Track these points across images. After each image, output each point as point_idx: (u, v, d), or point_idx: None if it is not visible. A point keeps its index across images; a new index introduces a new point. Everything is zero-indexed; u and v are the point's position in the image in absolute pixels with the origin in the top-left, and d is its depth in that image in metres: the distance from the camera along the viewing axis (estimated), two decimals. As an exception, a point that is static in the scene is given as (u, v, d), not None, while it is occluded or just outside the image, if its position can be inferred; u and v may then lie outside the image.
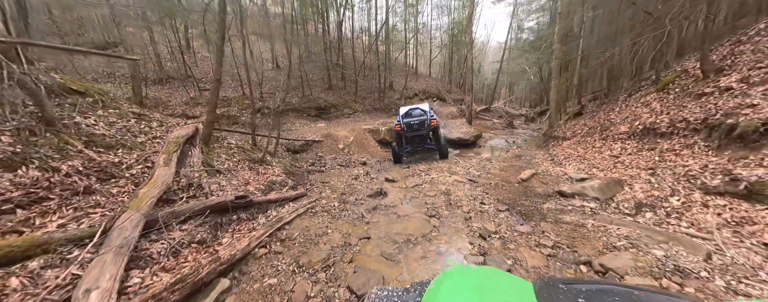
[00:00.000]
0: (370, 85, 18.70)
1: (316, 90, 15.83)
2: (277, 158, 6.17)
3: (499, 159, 7.65)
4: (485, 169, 6.56)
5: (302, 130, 11.70)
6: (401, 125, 7.18)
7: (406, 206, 4.62)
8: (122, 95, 12.09)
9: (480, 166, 6.87)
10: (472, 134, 10.75)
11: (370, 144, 9.66)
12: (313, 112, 13.87)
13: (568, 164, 6.21)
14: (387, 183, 5.89)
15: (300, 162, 7.32)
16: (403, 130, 7.21)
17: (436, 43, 26.22)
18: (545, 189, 4.97)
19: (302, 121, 13.30)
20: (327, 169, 7.13)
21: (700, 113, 4.51)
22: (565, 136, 8.02)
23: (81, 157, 2.86)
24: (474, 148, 10.68)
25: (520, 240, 3.20)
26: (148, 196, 2.60)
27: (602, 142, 6.23)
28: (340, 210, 4.39)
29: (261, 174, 4.93)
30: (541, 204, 4.27)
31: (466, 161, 7.62)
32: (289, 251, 3.18)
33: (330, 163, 7.70)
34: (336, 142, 9.36)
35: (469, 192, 4.98)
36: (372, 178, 6.24)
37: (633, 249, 2.71)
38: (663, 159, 4.43)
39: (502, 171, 6.31)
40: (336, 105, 14.94)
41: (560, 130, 8.57)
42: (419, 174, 6.37)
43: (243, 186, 4.08)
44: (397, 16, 21.74)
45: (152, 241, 2.43)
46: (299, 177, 5.77)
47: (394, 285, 2.44)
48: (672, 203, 3.60)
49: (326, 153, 8.76)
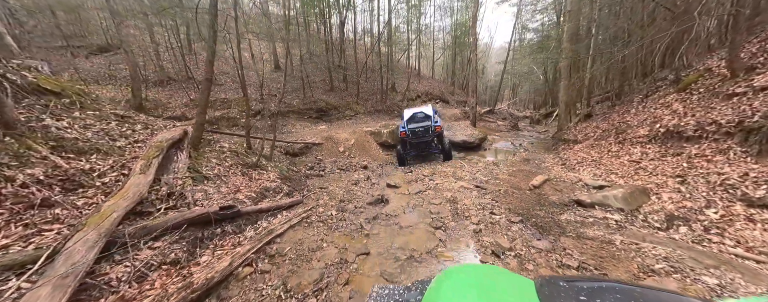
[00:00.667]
0: (372, 87, 18.38)
1: (318, 91, 15.54)
2: (274, 162, 5.83)
3: (507, 164, 7.24)
4: (493, 174, 6.15)
5: (303, 133, 11.38)
6: (406, 132, 7.12)
7: (409, 215, 4.23)
8: (122, 97, 11.92)
9: (487, 171, 6.46)
10: (477, 137, 10.35)
11: (372, 147, 9.29)
12: (314, 114, 13.56)
13: (582, 169, 5.78)
14: (389, 189, 5.51)
15: (298, 166, 6.98)
16: (408, 137, 7.16)
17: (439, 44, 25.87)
18: (560, 198, 4.55)
19: (303, 123, 12.99)
20: (326, 174, 6.77)
21: (732, 115, 4.07)
22: (576, 139, 7.59)
23: (44, 165, 2.53)
24: (479, 151, 10.26)
25: (539, 259, 2.80)
26: (114, 210, 2.25)
27: (619, 146, 5.79)
28: (338, 219, 4.02)
29: (254, 180, 4.58)
30: (558, 215, 3.85)
31: (471, 165, 7.22)
32: (277, 270, 2.81)
33: (330, 167, 7.35)
34: (336, 144, 9.02)
35: (477, 200, 4.58)
36: (373, 183, 5.86)
37: (676, 275, 2.30)
38: (692, 166, 4.00)
39: (511, 177, 5.90)
40: (337, 107, 14.63)
41: (570, 132, 8.13)
42: (423, 180, 5.98)
43: (232, 195, 3.73)
44: (399, 18, 21.47)
45: (115, 264, 2.07)
46: (296, 183, 5.42)
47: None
48: (709, 216, 3.17)
49: (326, 157, 8.42)
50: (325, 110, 13.89)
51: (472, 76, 12.69)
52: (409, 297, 1.12)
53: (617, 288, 0.81)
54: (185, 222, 2.70)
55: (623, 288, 0.82)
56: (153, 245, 2.35)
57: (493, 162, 7.41)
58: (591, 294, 0.79)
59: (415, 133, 7.17)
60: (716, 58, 5.84)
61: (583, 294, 0.78)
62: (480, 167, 6.94)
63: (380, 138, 9.51)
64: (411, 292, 1.14)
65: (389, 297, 1.14)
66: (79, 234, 1.93)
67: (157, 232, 2.43)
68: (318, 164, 7.54)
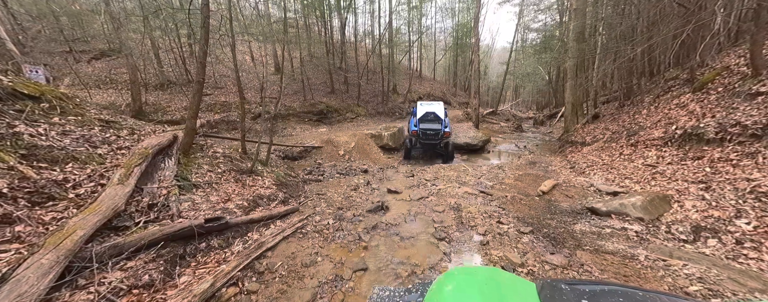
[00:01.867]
0: (374, 89, 18.15)
1: (319, 94, 15.34)
2: (270, 167, 5.59)
3: (512, 167, 6.93)
4: (498, 179, 5.86)
5: (303, 136, 11.15)
6: (418, 131, 7.39)
7: (411, 225, 3.95)
8: (123, 101, 11.80)
9: (492, 175, 6.16)
10: (481, 139, 10.05)
11: (372, 150, 9.03)
12: (314, 117, 13.34)
13: (592, 173, 5.46)
14: (389, 195, 5.24)
15: (296, 171, 6.73)
16: (419, 137, 7.41)
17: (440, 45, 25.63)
18: (572, 205, 4.25)
19: (303, 126, 12.78)
20: (325, 178, 6.51)
21: (759, 116, 3.75)
22: (584, 141, 7.26)
23: (11, 175, 2.29)
24: (482, 154, 9.96)
25: (554, 277, 2.51)
26: (80, 227, 2.00)
27: (631, 149, 5.47)
28: (335, 229, 3.75)
29: (247, 187, 4.33)
30: (572, 224, 3.55)
31: (475, 169, 6.92)
32: (266, 289, 2.54)
33: (329, 171, 7.09)
34: (336, 148, 8.77)
35: (482, 207, 4.29)
36: (373, 189, 5.59)
37: (716, 300, 2.00)
38: (716, 171, 3.68)
39: (518, 182, 5.59)
40: (338, 109, 14.41)
41: (578, 134, 7.81)
42: (425, 185, 5.70)
43: (222, 204, 3.48)
44: (401, 19, 21.28)
45: (78, 289, 1.82)
46: (292, 189, 5.16)
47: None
48: (741, 227, 2.86)
49: (326, 160, 8.17)
50: (325, 113, 13.67)
51: (474, 77, 12.41)
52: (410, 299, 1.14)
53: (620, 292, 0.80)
54: (165, 237, 2.45)
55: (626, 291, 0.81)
56: (125, 265, 2.10)
57: (498, 165, 7.11)
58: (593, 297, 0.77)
59: (426, 135, 7.42)
60: (734, 56, 5.52)
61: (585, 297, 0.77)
62: (484, 171, 6.64)
63: (381, 141, 9.25)
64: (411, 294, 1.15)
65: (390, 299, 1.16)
66: (34, 257, 1.69)
67: (132, 250, 2.18)
68: (317, 168, 7.28)
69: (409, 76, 20.16)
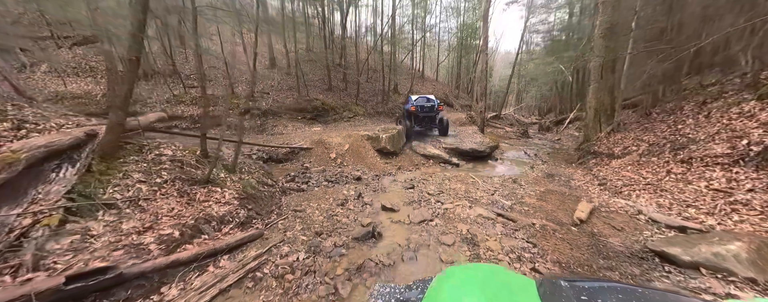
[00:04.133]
0: (374, 88, 16.99)
1: (315, 90, 14.17)
2: (240, 174, 4.44)
3: (529, 180, 5.79)
4: (516, 196, 4.72)
5: (294, 135, 9.99)
6: (416, 107, 8.39)
7: (411, 265, 2.82)
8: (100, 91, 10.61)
9: (508, 191, 5.03)
10: (488, 145, 8.91)
11: (368, 153, 7.88)
12: (309, 115, 12.18)
13: (634, 195, 4.33)
14: (384, 213, 4.09)
15: (276, 178, 5.57)
16: (418, 110, 8.42)
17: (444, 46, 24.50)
18: (626, 242, 3.13)
19: (296, 124, 11.61)
20: (309, 187, 5.35)
21: None
22: (611, 152, 6.14)
23: None
24: (489, 161, 8.83)
25: None
26: None
27: (684, 167, 4.34)
28: (304, 272, 2.60)
29: (196, 205, 3.18)
30: (645, 281, 2.42)
31: (485, 181, 5.78)
32: None
33: (315, 178, 5.93)
34: (328, 150, 7.61)
35: (506, 241, 3.16)
36: (365, 205, 4.44)
37: None
38: (843, 208, 2.56)
39: (542, 202, 4.46)
40: (335, 107, 13.24)
41: (602, 144, 6.68)
42: (427, 200, 4.56)
43: (134, 237, 2.33)
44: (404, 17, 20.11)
45: None
46: (263, 204, 4.01)
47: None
48: None
49: (315, 164, 7.01)
50: (321, 111, 12.50)
51: (481, 78, 11.28)
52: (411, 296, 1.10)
53: (619, 288, 0.79)
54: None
55: (625, 288, 0.80)
56: None
57: (512, 178, 5.96)
58: (592, 294, 0.76)
59: (424, 109, 8.53)
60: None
61: (584, 294, 0.76)
62: (497, 184, 5.50)
63: (378, 143, 8.09)
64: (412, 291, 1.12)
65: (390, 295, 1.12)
66: None
67: None
68: (302, 174, 6.12)
69: (411, 76, 19.02)
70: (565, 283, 0.82)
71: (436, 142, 9.18)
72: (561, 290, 0.78)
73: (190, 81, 12.04)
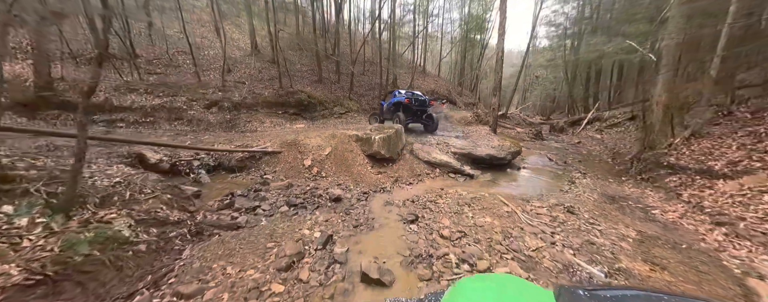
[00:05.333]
0: (370, 81, 14.89)
1: (303, 82, 12.06)
2: (93, 211, 2.39)
3: (590, 208, 3.81)
4: (597, 249, 2.72)
5: (271, 133, 7.94)
6: (410, 99, 7.78)
7: None
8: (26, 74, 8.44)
9: (573, 233, 3.04)
10: (508, 150, 6.91)
11: (357, 160, 5.85)
12: (291, 109, 10.09)
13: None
14: (365, 291, 2.11)
15: (200, 204, 3.53)
16: (411, 103, 7.78)
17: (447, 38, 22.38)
18: None
19: (275, 120, 9.54)
20: (253, 220, 3.31)
21: None
22: (705, 168, 4.15)
23: None
24: (508, 170, 6.84)
25: None
26: None
27: None
28: None
29: None
30: None
31: (525, 209, 3.79)
32: None
33: (272, 200, 3.90)
34: (302, 154, 5.57)
35: None
36: (330, 263, 2.44)
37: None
38: None
39: (655, 267, 2.46)
40: (324, 101, 11.16)
41: (681, 154, 4.70)
42: (444, 255, 2.57)
43: None
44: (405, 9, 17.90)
45: None
46: (115, 276, 1.98)
47: None
48: None
49: (280, 176, 4.98)
50: (306, 105, 10.41)
51: (496, 70, 9.24)
52: None
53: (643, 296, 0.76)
54: None
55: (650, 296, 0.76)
56: None
57: (563, 205, 3.95)
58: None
59: (417, 100, 7.92)
60: None
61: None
62: (546, 217, 3.49)
63: (370, 147, 6.06)
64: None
65: None
66: None
67: None
68: (253, 193, 4.08)
69: (412, 70, 16.92)
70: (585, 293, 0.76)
71: (444, 145, 7.16)
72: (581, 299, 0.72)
73: (152, 67, 9.87)
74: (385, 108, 8.94)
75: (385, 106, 8.97)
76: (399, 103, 8.02)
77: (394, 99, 8.28)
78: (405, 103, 7.80)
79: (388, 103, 8.68)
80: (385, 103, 9.16)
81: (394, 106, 8.14)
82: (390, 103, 8.51)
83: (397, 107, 8.06)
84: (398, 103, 8.04)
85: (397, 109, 8.04)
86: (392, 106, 8.24)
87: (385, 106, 8.97)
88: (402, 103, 7.91)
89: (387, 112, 8.63)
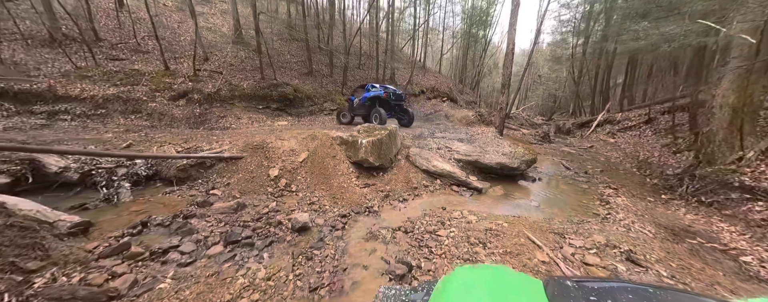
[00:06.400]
0: (366, 75, 13.55)
1: (291, 74, 10.71)
2: None
3: (658, 255, 2.62)
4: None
5: (244, 131, 6.66)
6: (388, 93, 7.30)
7: None
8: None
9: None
10: (521, 158, 5.68)
11: (339, 168, 4.61)
12: (274, 104, 8.78)
13: None
14: None
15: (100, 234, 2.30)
16: (390, 98, 7.31)
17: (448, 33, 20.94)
18: None
19: (254, 115, 8.23)
20: (150, 280, 2.07)
21: None
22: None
23: None
24: (521, 181, 5.65)
25: None
26: None
27: None
28: None
29: None
30: None
31: (558, 245, 2.60)
32: None
33: (203, 235, 2.66)
34: (269, 161, 4.31)
35: None
36: None
37: None
38: None
39: None
40: (313, 96, 9.85)
41: (759, 174, 3.50)
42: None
43: None
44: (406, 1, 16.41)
45: None
46: None
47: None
48: None
49: (232, 190, 3.73)
50: (292, 99, 9.10)
51: (506, 64, 7.96)
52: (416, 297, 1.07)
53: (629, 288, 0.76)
54: None
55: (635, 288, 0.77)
56: None
57: (613, 245, 2.74)
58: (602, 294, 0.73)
59: (396, 95, 7.51)
60: None
61: (593, 295, 0.73)
62: (599, 267, 2.31)
63: (356, 152, 4.80)
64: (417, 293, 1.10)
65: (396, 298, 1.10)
66: None
67: None
68: (179, 221, 2.83)
69: (411, 65, 15.57)
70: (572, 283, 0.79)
71: (446, 150, 5.94)
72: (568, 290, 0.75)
73: (116, 52, 8.46)
74: (356, 104, 8.14)
75: (356, 102, 8.16)
76: (376, 98, 7.37)
77: (369, 93, 7.59)
78: (383, 98, 7.22)
79: (361, 99, 7.90)
80: (354, 99, 8.32)
81: (370, 101, 7.47)
82: (363, 99, 7.75)
83: (374, 102, 7.41)
84: (375, 98, 7.38)
85: (374, 104, 7.40)
86: (367, 102, 7.54)
87: (356, 102, 8.16)
88: (380, 98, 7.28)
89: (359, 108, 7.89)
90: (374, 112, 7.21)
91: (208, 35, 10.84)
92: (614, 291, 0.73)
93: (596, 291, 0.73)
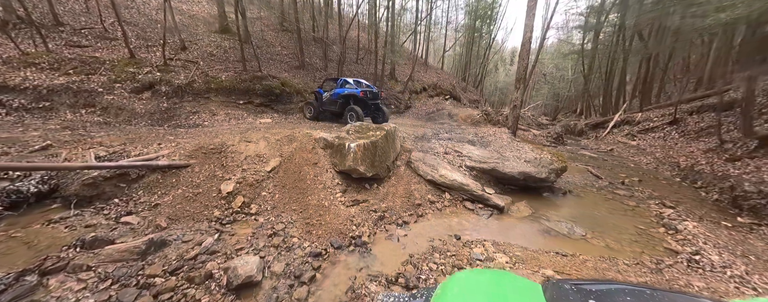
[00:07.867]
0: (364, 71, 12.33)
1: (280, 66, 9.51)
2: None
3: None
4: None
5: (216, 130, 5.49)
6: (365, 92, 6.53)
7: None
8: None
9: None
10: (550, 166, 4.50)
11: (320, 179, 3.43)
12: (258, 99, 7.59)
13: None
14: None
15: None
16: (366, 96, 6.55)
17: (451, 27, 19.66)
18: None
19: (233, 112, 7.04)
20: None
21: None
22: None
23: None
24: (546, 194, 4.48)
25: None
26: None
27: None
28: None
29: None
30: None
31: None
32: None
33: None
34: (224, 171, 3.14)
35: None
36: None
37: None
38: None
39: None
40: (303, 91, 8.66)
41: None
42: None
43: None
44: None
45: None
46: None
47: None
48: None
49: (158, 217, 2.56)
50: (278, 94, 7.91)
51: (522, 56, 6.76)
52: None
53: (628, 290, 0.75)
54: None
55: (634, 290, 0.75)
56: None
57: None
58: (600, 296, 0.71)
59: (373, 93, 6.73)
60: None
61: (592, 297, 0.71)
62: None
63: (343, 159, 3.63)
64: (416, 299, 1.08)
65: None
66: None
67: None
68: (30, 281, 1.71)
69: (413, 61, 14.34)
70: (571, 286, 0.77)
71: (455, 155, 4.77)
72: (567, 293, 0.73)
73: (78, 38, 7.24)
74: (326, 98, 7.04)
75: (325, 96, 7.06)
76: (350, 96, 6.52)
77: (342, 90, 6.67)
78: (359, 97, 6.40)
79: (332, 94, 6.85)
80: (323, 92, 7.20)
81: (344, 98, 6.63)
82: (335, 95, 6.77)
83: (348, 100, 6.61)
84: (349, 96, 6.54)
85: (349, 102, 6.60)
86: (340, 98, 6.66)
87: (325, 96, 7.06)
88: (355, 97, 6.45)
89: (328, 103, 6.92)
90: (349, 109, 6.37)
91: (190, 23, 9.62)
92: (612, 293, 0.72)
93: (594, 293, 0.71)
